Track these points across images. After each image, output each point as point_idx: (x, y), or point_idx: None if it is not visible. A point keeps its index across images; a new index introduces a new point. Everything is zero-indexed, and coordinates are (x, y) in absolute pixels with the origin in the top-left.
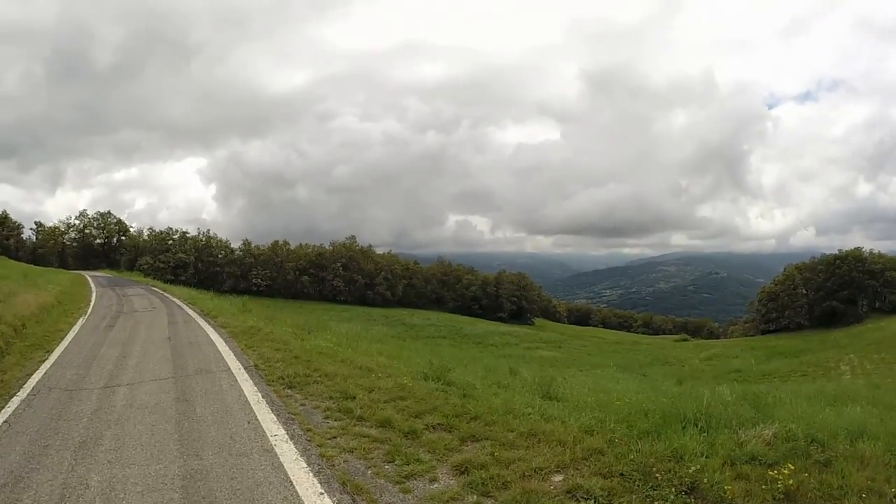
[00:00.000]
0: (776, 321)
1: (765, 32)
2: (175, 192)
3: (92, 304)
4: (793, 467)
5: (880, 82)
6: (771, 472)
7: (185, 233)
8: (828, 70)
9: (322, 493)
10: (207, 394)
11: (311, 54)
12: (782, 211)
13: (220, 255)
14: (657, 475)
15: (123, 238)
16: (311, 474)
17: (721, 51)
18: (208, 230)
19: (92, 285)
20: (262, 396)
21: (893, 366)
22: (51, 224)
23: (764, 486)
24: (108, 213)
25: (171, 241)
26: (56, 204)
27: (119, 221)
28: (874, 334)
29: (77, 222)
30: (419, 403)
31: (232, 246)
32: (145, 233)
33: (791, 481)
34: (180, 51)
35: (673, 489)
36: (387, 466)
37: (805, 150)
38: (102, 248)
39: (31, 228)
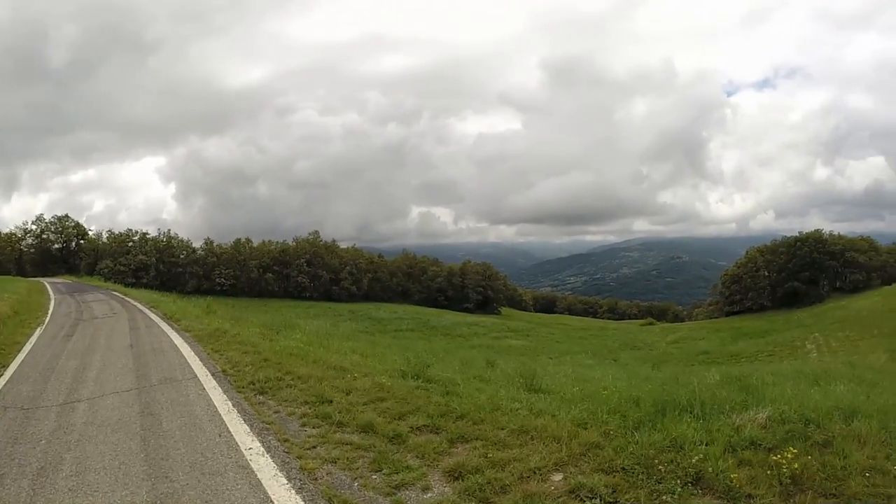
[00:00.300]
0: (740, 303)
1: (724, 22)
2: (134, 193)
3: (50, 312)
4: (795, 450)
5: (836, 70)
6: (774, 457)
7: (145, 234)
8: (785, 58)
9: None
10: (174, 405)
11: (270, 48)
12: (742, 195)
13: (181, 256)
14: (660, 467)
15: (82, 242)
16: (292, 491)
17: (681, 40)
18: (169, 230)
19: (50, 292)
20: (233, 405)
21: (858, 343)
22: (7, 230)
23: (769, 472)
24: (66, 216)
25: (131, 243)
26: (12, 209)
27: (77, 225)
28: (837, 313)
29: (34, 227)
30: (400, 404)
31: (194, 245)
32: (104, 235)
33: (796, 465)
34: (137, 47)
35: (678, 481)
36: (374, 476)
37: (763, 136)
38: (61, 253)
39: None
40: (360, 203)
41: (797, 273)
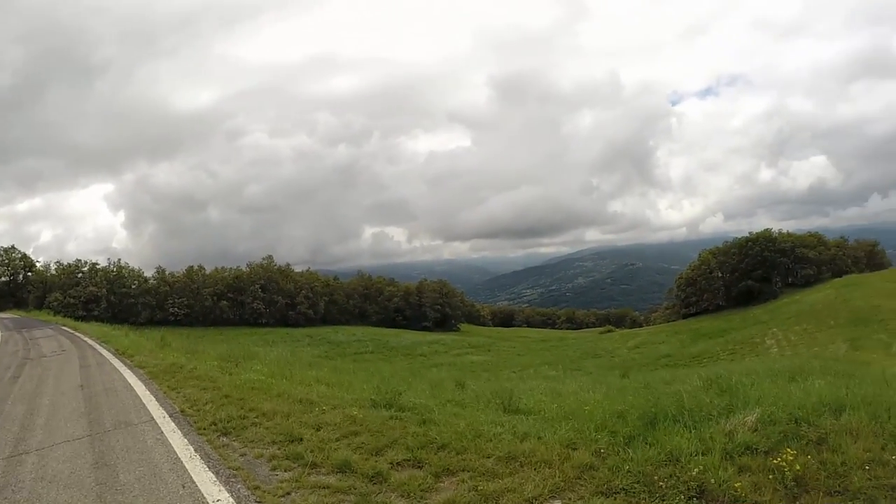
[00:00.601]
0: (696, 304)
1: (667, 34)
2: (82, 221)
3: None
4: (792, 451)
5: (776, 76)
6: (774, 461)
7: (94, 264)
8: (727, 67)
9: None
10: (130, 453)
11: (219, 70)
12: (690, 201)
13: (133, 286)
14: (660, 483)
15: (30, 274)
16: None
17: (626, 54)
18: (119, 259)
19: None
20: (195, 450)
21: (816, 335)
22: None
23: (771, 476)
24: (12, 247)
25: (80, 274)
26: None
27: (24, 256)
28: (792, 308)
29: None
30: (376, 437)
31: (145, 275)
32: (53, 267)
33: (797, 466)
34: (84, 70)
35: (681, 496)
36: None
37: (709, 143)
38: (8, 286)
39: None
40: (313, 225)
41: (750, 272)
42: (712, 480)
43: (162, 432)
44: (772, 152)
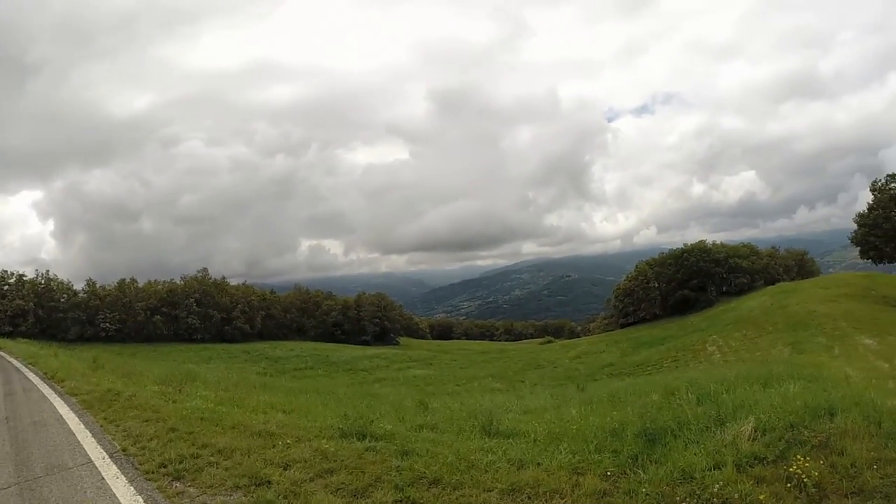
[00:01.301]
0: (634, 314)
1: (605, 53)
2: (9, 230)
3: None
4: (801, 458)
5: (709, 95)
6: (788, 469)
7: (21, 276)
8: (662, 85)
9: None
10: None
11: (157, 75)
12: (625, 214)
13: (62, 299)
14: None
15: None
16: None
17: (565, 70)
18: (48, 271)
19: None
20: (145, 501)
21: (757, 340)
22: None
23: (789, 485)
24: None
25: (6, 287)
26: None
27: None
28: (729, 314)
29: None
30: (356, 475)
31: (75, 288)
32: None
33: (815, 473)
34: (17, 69)
35: None
36: None
37: (643, 158)
38: None
39: None
40: (249, 238)
41: (686, 281)
42: (735, 495)
43: (103, 478)
44: (703, 167)
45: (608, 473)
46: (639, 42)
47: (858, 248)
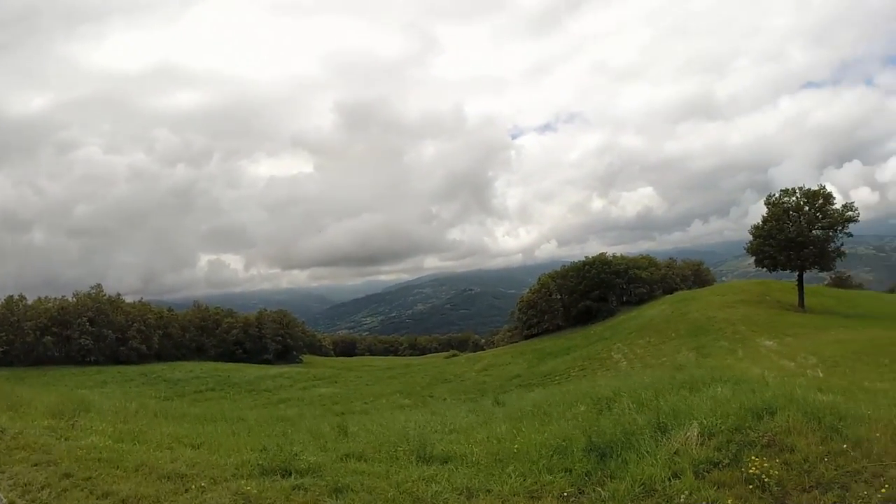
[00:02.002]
0: (537, 325)
1: (512, 72)
2: None
3: None
4: (757, 459)
5: (610, 115)
6: (746, 471)
7: None
8: (566, 105)
9: None
10: None
11: (56, 74)
12: (526, 228)
13: None
14: None
15: None
16: None
17: (471, 87)
18: None
19: None
20: None
21: (661, 346)
22: None
23: (751, 487)
24: None
25: None
26: None
27: None
28: (631, 323)
29: None
30: None
31: None
32: None
33: (775, 471)
34: None
35: None
36: None
37: (545, 174)
38: None
39: None
40: (145, 252)
41: (588, 293)
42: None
43: None
44: (603, 183)
45: (565, 494)
46: (546, 62)
47: (753, 258)
